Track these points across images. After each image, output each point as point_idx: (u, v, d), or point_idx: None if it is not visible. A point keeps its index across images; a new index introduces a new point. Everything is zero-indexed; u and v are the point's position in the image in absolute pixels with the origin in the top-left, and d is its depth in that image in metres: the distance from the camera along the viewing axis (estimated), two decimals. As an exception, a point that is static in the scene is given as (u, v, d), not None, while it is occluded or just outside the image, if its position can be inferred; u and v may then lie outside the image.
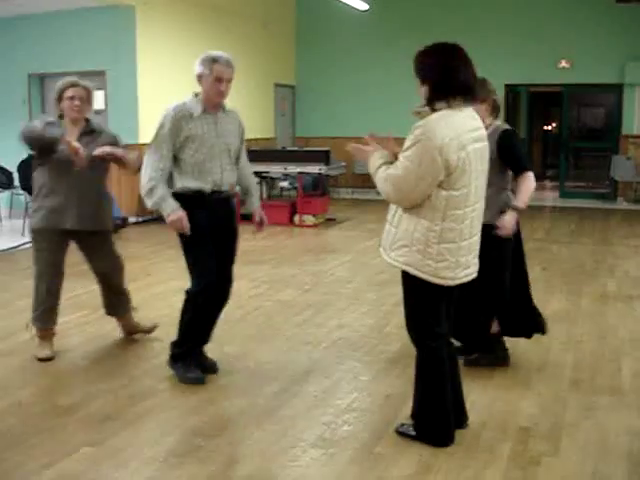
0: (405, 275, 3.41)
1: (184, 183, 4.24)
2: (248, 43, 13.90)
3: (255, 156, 11.38)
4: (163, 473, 3.27)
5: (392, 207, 3.43)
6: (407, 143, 3.21)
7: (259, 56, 14.37)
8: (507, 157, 4.28)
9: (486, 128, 3.64)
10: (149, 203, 4.21)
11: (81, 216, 4.72)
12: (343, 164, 12.36)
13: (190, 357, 4.43)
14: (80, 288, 6.55)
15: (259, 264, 7.95)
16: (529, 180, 4.28)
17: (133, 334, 5.24)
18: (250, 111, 14.19)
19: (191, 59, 12.90)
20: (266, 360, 4.80)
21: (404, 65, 16.51)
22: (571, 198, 14.57)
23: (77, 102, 4.69)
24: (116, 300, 5.13)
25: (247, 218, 4.93)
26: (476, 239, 3.42)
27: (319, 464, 3.36)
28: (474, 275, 3.47)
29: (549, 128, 20.35)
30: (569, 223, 11.26)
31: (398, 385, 4.30)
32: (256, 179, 4.77)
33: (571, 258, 8.38)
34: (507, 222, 4.17)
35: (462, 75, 3.27)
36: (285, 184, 13.01)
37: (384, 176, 3.27)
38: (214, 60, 4.26)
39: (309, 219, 10.90)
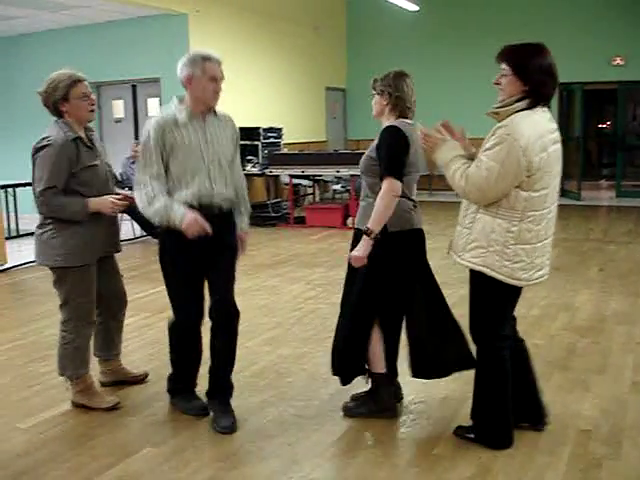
0: (476, 276, 3.37)
1: (175, 196, 3.74)
2: (299, 47, 14.00)
3: (308, 159, 11.51)
4: (224, 473, 3.32)
5: (463, 209, 3.41)
6: (490, 142, 3.19)
7: (310, 60, 14.46)
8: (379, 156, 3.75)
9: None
10: (154, 218, 3.70)
11: (109, 239, 4.32)
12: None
13: (188, 389, 4.13)
14: (139, 292, 6.70)
15: (313, 267, 7.99)
16: (384, 191, 3.60)
17: (123, 380, 4.51)
18: (302, 115, 14.32)
19: (243, 64, 13.15)
20: (322, 362, 4.81)
21: (454, 65, 16.48)
22: (628, 197, 14.30)
23: (93, 100, 4.09)
24: (116, 335, 4.48)
25: (300, 221, 4.88)
26: (549, 241, 3.39)
27: (377, 465, 3.37)
28: (546, 277, 3.43)
29: (604, 126, 20.02)
30: (627, 223, 11.06)
31: (454, 387, 4.28)
32: (309, 182, 4.65)
33: (629, 258, 8.23)
34: (355, 251, 3.67)
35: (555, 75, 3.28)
36: (338, 187, 13.06)
37: (461, 172, 3.23)
38: (205, 59, 3.83)
39: (362, 221, 10.89)
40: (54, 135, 3.91)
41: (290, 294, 6.75)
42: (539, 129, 3.18)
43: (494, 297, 3.39)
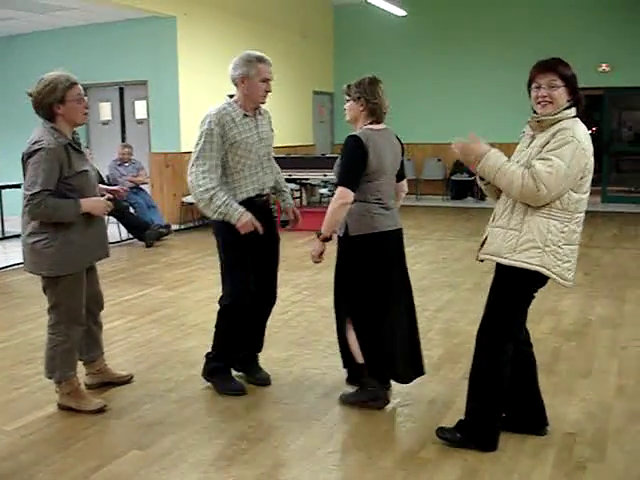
0: (507, 276, 3.40)
1: (230, 190, 4.14)
2: (287, 51, 14.01)
3: (295, 163, 11.51)
4: (210, 476, 3.32)
5: (505, 212, 3.41)
6: (554, 143, 3.26)
7: (298, 64, 14.48)
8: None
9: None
10: (210, 213, 4.06)
11: (101, 245, 4.25)
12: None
13: (228, 369, 4.42)
14: (125, 294, 6.69)
15: (301, 270, 8.00)
16: (334, 199, 3.90)
17: (109, 382, 4.49)
18: (289, 118, 14.33)
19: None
20: (309, 365, 4.84)
21: (441, 70, 16.55)
22: (613, 203, 14.40)
23: (87, 103, 4.08)
24: (99, 335, 4.45)
25: (284, 225, 4.92)
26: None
27: (363, 468, 3.38)
28: None
29: (590, 132, 20.14)
30: (612, 228, 11.14)
31: (441, 390, 4.31)
32: (296, 186, 4.82)
33: (614, 263, 8.29)
34: (311, 250, 4.05)
35: None
36: (324, 191, 13.08)
37: (522, 172, 3.26)
38: (260, 60, 4.18)
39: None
40: (45, 139, 3.85)
41: (277, 297, 6.74)
42: (588, 135, 3.34)
43: (520, 297, 3.46)
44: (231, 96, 4.27)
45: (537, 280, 3.39)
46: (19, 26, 11.99)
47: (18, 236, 10.44)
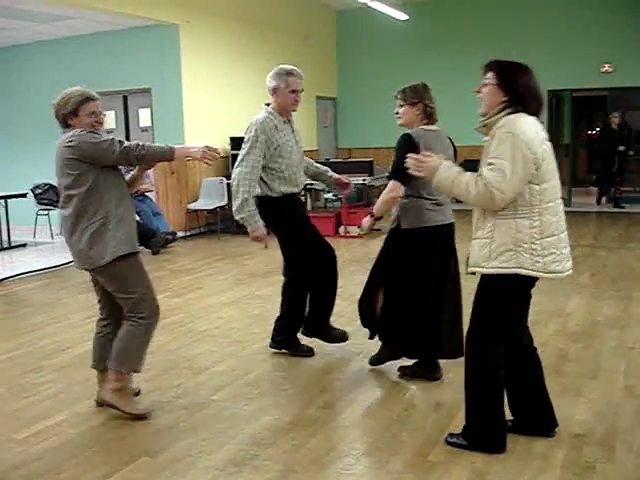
0: (489, 283, 3.41)
1: (280, 189, 4.80)
2: (290, 57, 14.00)
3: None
4: (220, 482, 3.34)
5: (478, 221, 3.43)
6: (492, 145, 3.26)
7: (300, 69, 14.47)
8: None
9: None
10: (238, 216, 4.70)
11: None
12: (387, 174, 12.39)
13: (296, 338, 5.14)
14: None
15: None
16: (385, 191, 4.41)
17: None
18: (293, 124, 14.31)
19: (234, 74, 13.18)
20: (317, 370, 4.85)
21: (444, 73, 16.61)
22: (619, 203, 14.37)
23: (102, 117, 4.17)
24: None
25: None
26: (566, 233, 3.46)
27: (373, 472, 3.39)
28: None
29: (592, 133, 20.09)
30: (617, 228, 11.13)
31: (448, 394, 4.31)
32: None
33: (620, 264, 8.28)
34: (363, 223, 4.71)
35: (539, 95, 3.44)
36: (329, 195, 13.08)
37: (475, 181, 3.26)
38: (288, 73, 4.84)
39: (354, 230, 10.95)
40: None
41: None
42: (532, 125, 3.30)
43: (504, 303, 3.44)
44: (267, 104, 4.91)
45: (520, 282, 3.37)
46: (22, 36, 12.03)
47: (24, 245, 10.48)
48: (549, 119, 14.19)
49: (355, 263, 8.84)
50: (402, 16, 13.56)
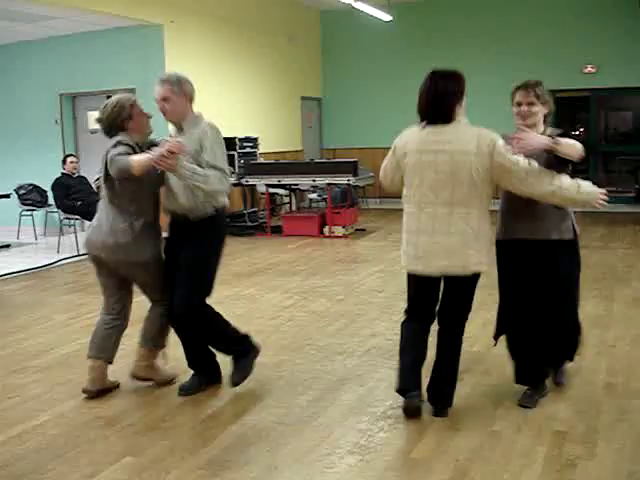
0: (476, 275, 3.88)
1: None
2: (274, 57, 14.06)
3: (284, 169, 11.55)
4: (204, 481, 3.35)
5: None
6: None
7: (285, 70, 14.52)
8: None
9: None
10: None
11: None
12: (371, 174, 12.41)
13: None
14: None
15: (291, 275, 8.03)
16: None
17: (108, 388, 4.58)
18: (277, 124, 14.37)
19: (218, 74, 13.18)
20: (301, 370, 4.86)
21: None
22: (601, 203, 14.44)
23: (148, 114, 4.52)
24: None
25: (277, 231, 4.99)
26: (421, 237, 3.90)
27: (356, 470, 3.41)
28: (424, 271, 3.91)
29: (577, 133, 20.25)
30: (599, 228, 11.21)
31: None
32: (285, 192, 4.95)
33: (602, 263, 8.35)
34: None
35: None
36: (314, 196, 13.13)
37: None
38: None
39: (339, 230, 10.97)
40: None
41: (268, 303, 6.79)
42: (407, 136, 3.96)
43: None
44: None
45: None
46: (5, 36, 11.97)
47: (8, 246, 10.41)
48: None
49: (339, 263, 8.88)
50: (386, 17, 13.59)
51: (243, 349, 4.51)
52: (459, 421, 3.91)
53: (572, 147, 3.74)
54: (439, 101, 3.79)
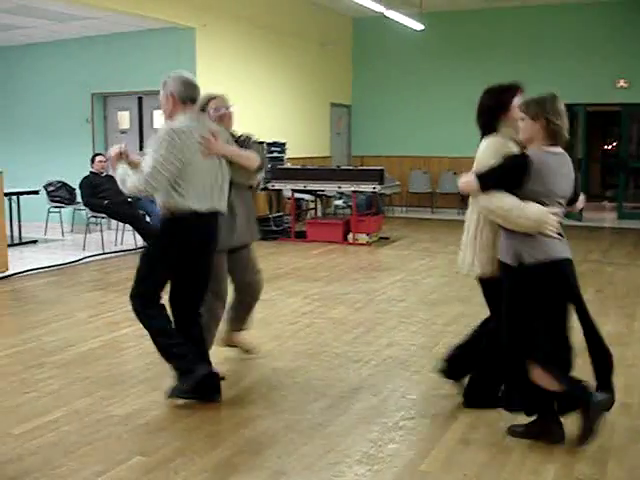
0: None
1: None
2: (305, 63, 14.10)
3: (310, 175, 11.57)
4: (212, 484, 3.37)
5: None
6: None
7: (316, 76, 14.56)
8: None
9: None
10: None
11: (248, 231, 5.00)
12: (397, 183, 12.40)
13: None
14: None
15: (312, 281, 8.04)
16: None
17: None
18: (306, 130, 14.40)
19: (249, 79, 13.24)
20: (315, 377, 4.87)
21: (459, 83, 16.55)
22: (630, 219, 14.33)
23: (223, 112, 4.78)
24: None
25: (301, 236, 5.01)
26: None
27: (364, 480, 3.41)
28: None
29: (608, 147, 20.08)
30: (626, 245, 11.09)
31: (445, 404, 4.32)
32: (311, 197, 4.92)
33: (627, 280, 8.26)
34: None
35: None
36: (339, 202, 13.14)
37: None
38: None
39: (362, 237, 10.97)
40: None
41: (288, 308, 6.80)
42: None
43: None
44: None
45: None
46: (37, 35, 12.13)
47: (35, 242, 10.53)
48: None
49: (361, 270, 8.88)
50: (418, 26, 13.58)
51: (184, 366, 4.28)
52: (470, 435, 3.90)
53: None
54: None
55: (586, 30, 13.92)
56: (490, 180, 3.68)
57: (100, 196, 10.05)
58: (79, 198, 10.63)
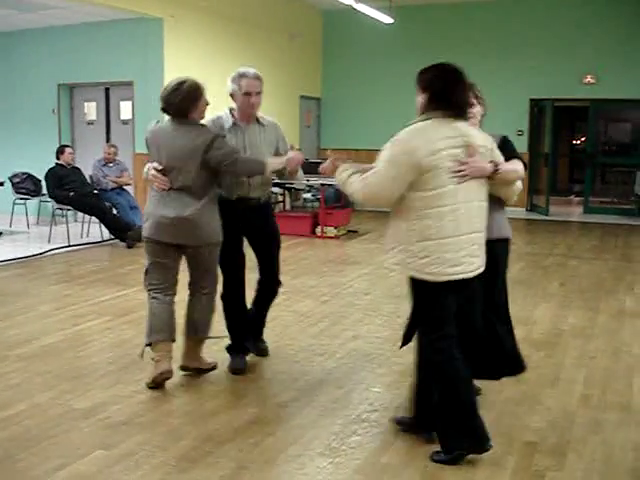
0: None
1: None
2: (274, 55, 14.03)
3: (278, 167, 11.53)
4: (173, 477, 3.35)
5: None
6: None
7: (285, 68, 14.50)
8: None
9: None
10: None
11: None
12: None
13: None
14: (102, 295, 6.71)
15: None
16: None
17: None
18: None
19: (217, 71, 13.18)
20: (280, 370, 4.87)
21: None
22: (595, 214, 14.49)
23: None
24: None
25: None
26: (465, 238, 3.46)
27: (325, 473, 3.42)
28: (469, 274, 3.49)
29: (576, 142, 20.28)
30: (591, 239, 11.23)
31: (408, 396, 4.34)
32: (280, 190, 4.96)
33: (591, 274, 8.36)
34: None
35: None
36: (308, 195, 13.13)
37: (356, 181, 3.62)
38: (241, 76, 4.67)
39: (331, 231, 10.98)
40: None
41: (254, 301, 6.77)
42: (422, 131, 3.69)
43: (423, 297, 3.56)
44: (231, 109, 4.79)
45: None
46: (5, 24, 11.97)
47: (0, 234, 10.33)
48: (530, 128, 14.33)
49: (329, 263, 8.89)
50: (387, 19, 13.58)
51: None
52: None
53: (514, 173, 3.77)
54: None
55: (554, 26, 14.00)
56: None
57: (66, 188, 9.96)
58: (45, 190, 10.52)
